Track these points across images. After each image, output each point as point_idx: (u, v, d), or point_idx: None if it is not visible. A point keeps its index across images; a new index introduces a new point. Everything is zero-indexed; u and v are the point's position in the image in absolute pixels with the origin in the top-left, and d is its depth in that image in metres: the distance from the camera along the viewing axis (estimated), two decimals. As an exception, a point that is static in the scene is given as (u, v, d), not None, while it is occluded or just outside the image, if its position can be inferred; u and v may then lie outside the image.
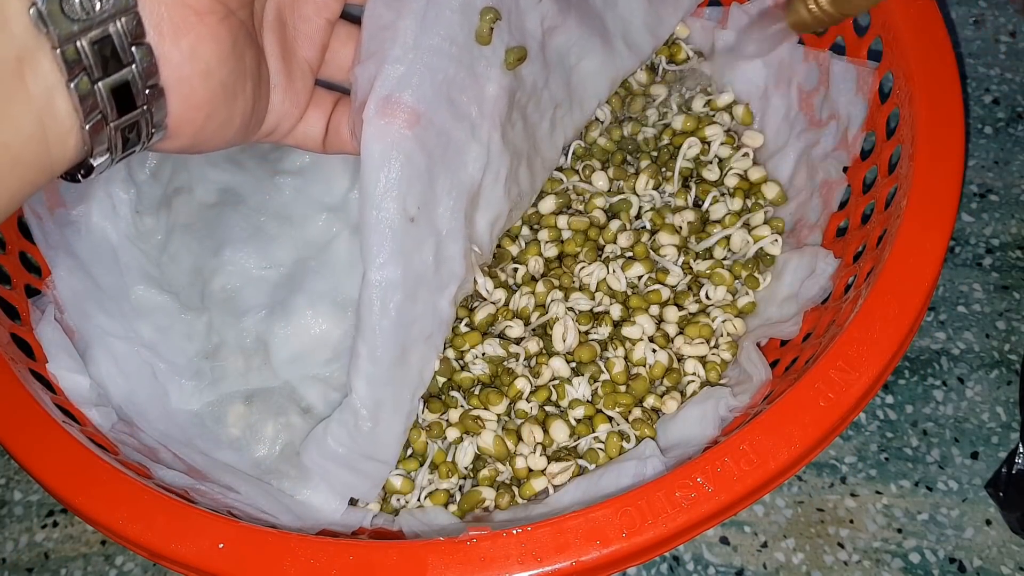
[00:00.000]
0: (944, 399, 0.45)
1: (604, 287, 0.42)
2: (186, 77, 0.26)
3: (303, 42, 0.32)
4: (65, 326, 0.41)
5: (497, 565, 0.29)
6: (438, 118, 0.33)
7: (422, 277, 0.34)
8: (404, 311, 0.34)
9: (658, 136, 0.47)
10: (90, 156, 0.25)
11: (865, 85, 0.43)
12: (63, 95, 0.23)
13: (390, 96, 0.32)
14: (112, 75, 0.24)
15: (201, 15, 0.25)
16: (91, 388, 0.39)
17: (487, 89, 0.34)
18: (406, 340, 0.35)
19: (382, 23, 0.32)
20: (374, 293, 0.33)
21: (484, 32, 0.33)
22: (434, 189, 0.33)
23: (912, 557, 0.40)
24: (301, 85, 0.32)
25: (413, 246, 0.33)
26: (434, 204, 0.34)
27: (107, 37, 0.23)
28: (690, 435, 0.38)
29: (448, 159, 0.34)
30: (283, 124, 0.32)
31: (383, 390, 0.35)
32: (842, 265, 0.40)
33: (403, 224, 0.32)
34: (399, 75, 0.32)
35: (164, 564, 0.31)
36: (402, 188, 0.32)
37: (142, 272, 0.44)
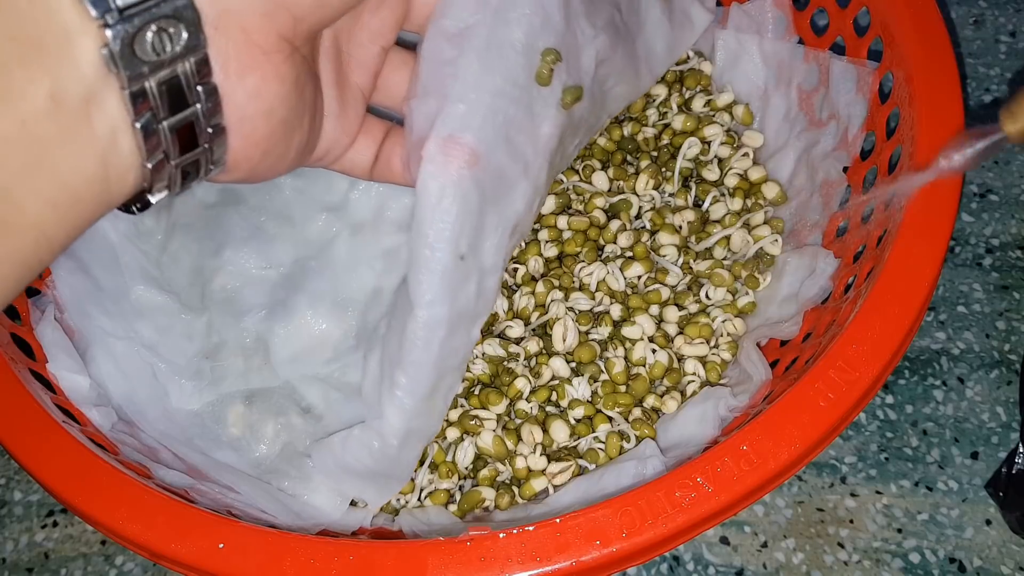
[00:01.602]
0: (944, 399, 0.45)
1: (604, 287, 0.42)
2: (248, 116, 0.25)
3: (356, 69, 0.32)
4: (65, 326, 0.41)
5: (497, 565, 0.29)
6: (495, 158, 0.32)
7: (464, 311, 0.34)
8: (445, 345, 0.34)
9: (658, 136, 0.47)
10: (149, 192, 0.25)
11: (865, 85, 0.43)
12: (127, 134, 0.23)
13: (451, 136, 0.31)
14: (177, 115, 0.24)
15: (268, 54, 0.25)
16: (91, 388, 0.39)
17: (542, 128, 0.34)
18: (441, 371, 0.35)
19: (443, 58, 0.31)
20: (421, 330, 0.33)
21: (544, 73, 0.33)
22: (483, 226, 0.33)
23: (912, 557, 0.41)
24: (353, 112, 0.32)
25: (460, 283, 0.33)
26: (481, 240, 0.33)
27: (175, 77, 0.23)
28: (690, 435, 0.38)
29: (499, 196, 0.34)
30: (333, 151, 0.32)
31: (415, 421, 0.36)
32: (842, 265, 0.40)
33: (454, 263, 0.32)
34: (460, 115, 0.31)
35: (164, 564, 0.31)
36: (456, 229, 0.32)
37: (142, 272, 0.44)
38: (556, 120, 0.34)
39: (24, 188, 0.21)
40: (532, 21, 0.32)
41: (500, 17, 0.31)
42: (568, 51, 0.34)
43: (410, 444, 0.36)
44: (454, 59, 0.31)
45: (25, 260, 0.22)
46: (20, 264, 0.22)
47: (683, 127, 0.47)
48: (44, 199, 0.21)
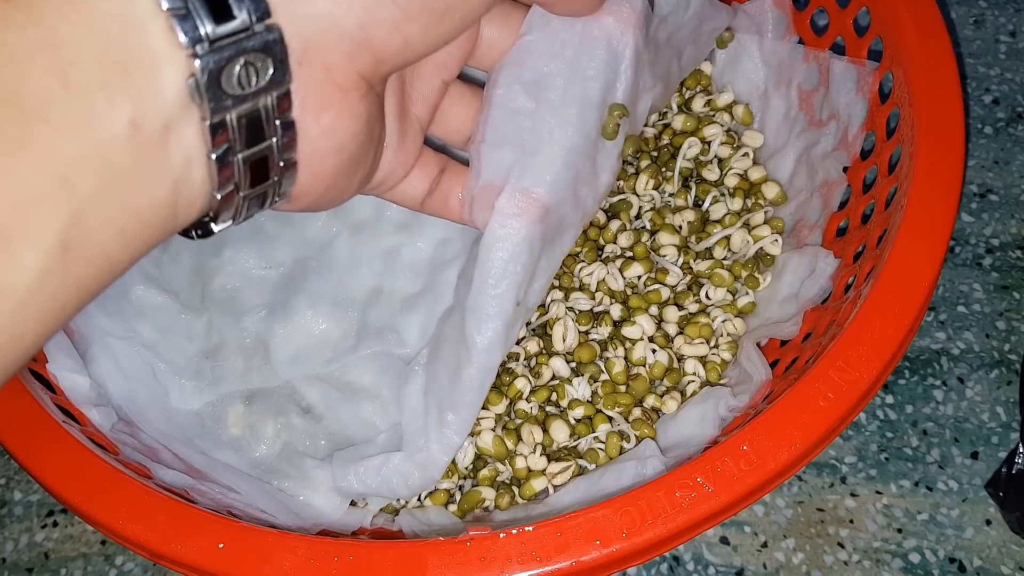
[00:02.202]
0: (944, 399, 0.45)
1: (604, 287, 0.42)
2: (320, 151, 0.25)
3: (418, 101, 0.31)
4: (65, 326, 0.41)
5: (497, 565, 0.29)
6: (561, 210, 0.33)
7: (509, 344, 0.35)
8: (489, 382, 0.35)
9: (658, 136, 0.47)
10: (214, 221, 0.25)
11: (865, 85, 0.43)
12: (202, 165, 0.22)
13: (526, 190, 0.31)
14: (253, 148, 0.23)
15: (345, 91, 0.25)
16: (91, 388, 0.39)
17: (603, 178, 0.34)
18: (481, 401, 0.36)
19: (517, 107, 0.31)
20: (477, 375, 0.34)
21: (611, 128, 0.33)
22: (536, 270, 0.34)
23: (912, 557, 0.41)
24: (411, 144, 0.32)
25: (513, 326, 0.34)
26: (533, 283, 0.34)
27: (256, 111, 0.23)
28: (690, 435, 0.38)
29: (554, 240, 0.34)
30: (388, 181, 0.32)
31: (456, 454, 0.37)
32: (842, 265, 0.40)
33: (513, 310, 0.33)
34: (536, 169, 0.31)
35: (164, 564, 0.31)
36: (520, 279, 0.32)
37: (142, 272, 0.44)
38: (615, 169, 0.35)
39: (95, 214, 0.20)
40: (607, 77, 0.32)
41: (577, 71, 0.31)
42: (631, 103, 0.34)
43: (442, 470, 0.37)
44: (530, 110, 0.31)
45: (86, 286, 0.21)
46: (81, 291, 0.21)
47: (683, 127, 0.47)
48: (114, 227, 0.21)
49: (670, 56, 0.38)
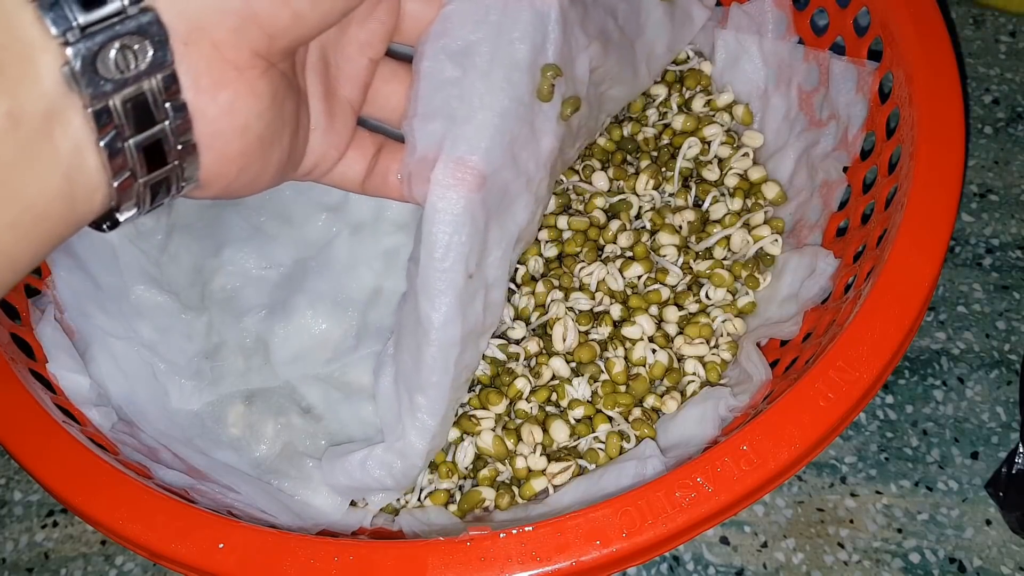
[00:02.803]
0: (944, 399, 0.45)
1: (604, 287, 0.42)
2: (221, 132, 0.25)
3: (345, 82, 0.31)
4: (65, 326, 0.41)
5: (497, 565, 0.29)
6: (501, 177, 0.32)
7: (474, 327, 0.34)
8: (460, 363, 0.35)
9: (658, 136, 0.47)
10: (117, 211, 0.24)
11: (865, 85, 0.43)
12: (92, 153, 0.22)
13: (460, 159, 0.31)
14: (144, 132, 0.23)
15: (241, 70, 0.24)
16: (91, 388, 0.39)
17: (544, 142, 0.34)
18: (456, 388, 0.36)
19: (445, 78, 0.31)
20: (438, 352, 0.33)
21: (546, 90, 0.33)
22: (487, 242, 0.33)
23: (912, 557, 0.40)
24: (342, 126, 0.32)
25: (469, 301, 0.33)
26: (485, 255, 0.34)
27: (141, 95, 0.23)
28: (690, 435, 0.38)
29: (502, 211, 0.34)
30: (322, 165, 0.32)
31: (435, 440, 0.36)
32: (842, 265, 0.40)
33: (464, 283, 0.33)
34: (468, 137, 0.31)
35: (164, 564, 0.31)
36: (466, 250, 0.32)
37: (142, 272, 0.44)
38: (556, 132, 0.35)
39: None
40: (535, 39, 0.32)
41: (503, 35, 0.31)
42: (565, 63, 0.34)
43: (428, 461, 0.37)
44: (457, 79, 0.31)
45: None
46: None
47: (683, 127, 0.47)
48: (4, 220, 0.21)
49: (603, 14, 0.37)
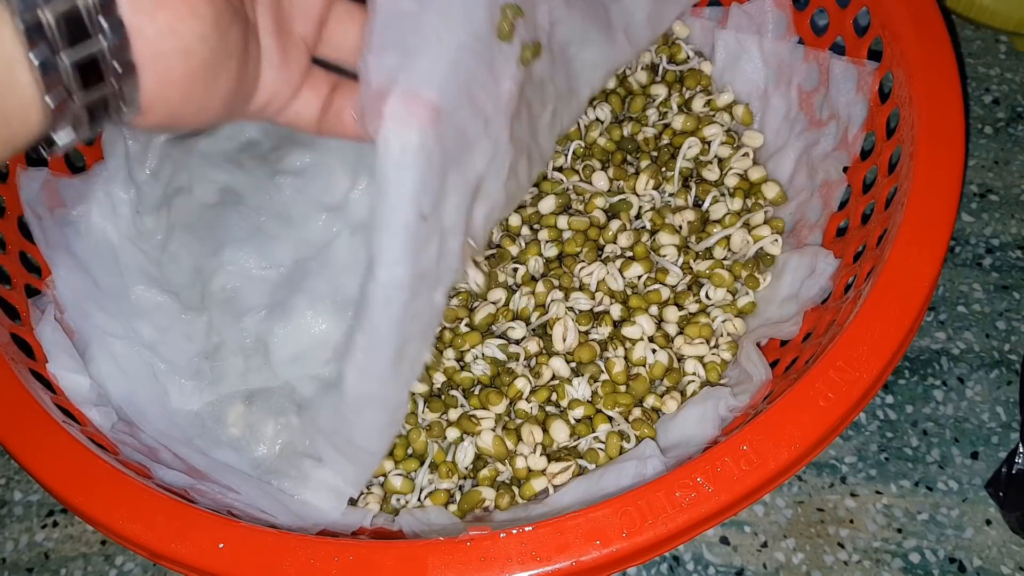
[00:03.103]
0: (944, 399, 0.45)
1: (604, 287, 0.42)
2: (162, 54, 0.24)
3: (299, 18, 0.31)
4: (65, 326, 0.41)
5: (497, 565, 0.29)
6: (457, 115, 0.32)
7: (426, 274, 0.34)
8: (408, 308, 0.33)
9: (658, 136, 0.47)
10: (53, 131, 0.24)
11: (865, 85, 0.43)
12: (24, 68, 0.22)
13: (414, 92, 0.30)
14: (77, 48, 0.23)
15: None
16: (91, 388, 0.39)
17: (503, 85, 0.34)
18: (404, 336, 0.34)
19: (401, 10, 0.31)
20: (380, 290, 0.33)
21: (505, 28, 0.32)
22: (444, 185, 0.33)
23: (912, 557, 0.40)
24: (295, 63, 0.31)
25: (422, 243, 0.33)
26: (443, 200, 0.33)
27: (74, 9, 0.22)
28: (690, 435, 0.38)
29: (460, 155, 0.33)
30: (274, 102, 0.31)
31: (375, 385, 0.35)
32: (842, 265, 0.40)
33: (416, 222, 0.32)
34: (423, 70, 0.31)
35: (164, 564, 0.31)
36: (419, 187, 0.31)
37: (142, 272, 0.44)
38: (516, 77, 0.34)
39: None
40: None
41: None
42: (526, 5, 0.33)
43: (372, 409, 0.36)
44: (415, 12, 0.31)
45: None
46: None
47: (683, 127, 0.47)
48: None
49: None
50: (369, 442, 0.37)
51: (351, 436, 0.36)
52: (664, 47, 0.49)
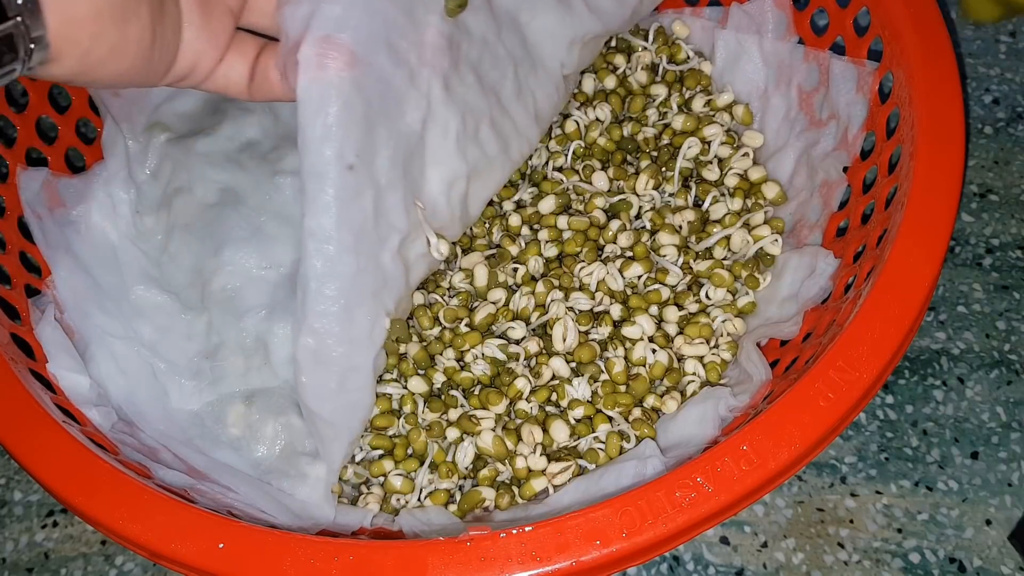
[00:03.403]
0: (944, 399, 0.45)
1: (604, 287, 0.42)
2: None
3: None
4: (65, 326, 0.41)
5: (497, 565, 0.29)
6: (377, 62, 0.32)
7: (362, 228, 0.33)
8: (344, 262, 0.33)
9: (658, 136, 0.47)
10: None
11: (865, 85, 0.43)
12: None
13: (328, 37, 0.30)
14: None
15: None
16: (91, 388, 0.39)
17: (426, 35, 0.33)
18: (350, 294, 0.34)
19: None
20: (310, 242, 0.32)
21: None
22: (372, 137, 0.32)
23: (912, 557, 0.40)
24: (219, 24, 0.31)
25: (351, 195, 0.32)
26: (372, 153, 0.33)
27: None
28: (690, 435, 0.38)
29: (387, 107, 0.33)
30: (200, 65, 0.31)
31: (313, 339, 0.34)
32: (842, 265, 0.40)
33: (340, 171, 0.31)
34: (336, 15, 0.30)
35: (164, 564, 0.31)
36: (339, 133, 0.31)
37: (142, 272, 0.44)
38: (440, 28, 0.34)
39: None
40: None
41: None
42: None
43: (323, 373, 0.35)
44: None
45: None
46: None
47: (683, 127, 0.47)
48: None
49: None
50: (322, 408, 0.36)
51: (305, 400, 0.36)
52: (664, 47, 0.49)
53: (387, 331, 0.37)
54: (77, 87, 0.46)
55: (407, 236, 0.36)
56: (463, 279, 0.43)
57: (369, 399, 0.37)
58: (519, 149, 0.42)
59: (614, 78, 0.49)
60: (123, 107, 0.45)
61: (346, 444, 0.38)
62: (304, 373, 0.35)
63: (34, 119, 0.44)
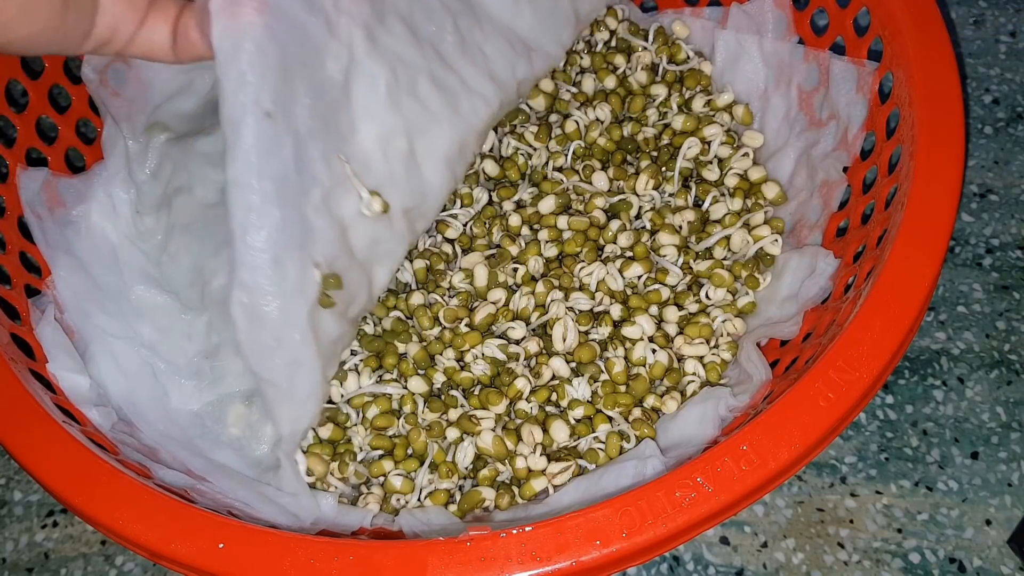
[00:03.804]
0: (944, 399, 0.45)
1: (604, 287, 0.42)
2: None
3: None
4: (65, 326, 0.41)
5: (497, 565, 0.29)
6: (289, 8, 0.32)
7: (284, 178, 0.33)
8: (268, 212, 0.33)
9: (658, 136, 0.47)
10: None
11: (865, 85, 0.43)
12: None
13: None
14: None
15: None
16: (91, 388, 0.39)
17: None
18: (277, 245, 0.33)
19: None
20: (232, 191, 0.32)
21: None
22: (291, 86, 0.32)
23: (912, 557, 0.40)
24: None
25: (270, 143, 0.32)
26: (291, 101, 0.33)
27: None
28: (690, 435, 0.38)
29: (305, 55, 0.33)
30: (121, 30, 0.31)
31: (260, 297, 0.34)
32: (842, 265, 0.40)
33: (258, 119, 0.31)
34: None
35: (164, 564, 0.31)
36: (254, 80, 0.31)
37: (142, 272, 0.44)
38: None
39: None
40: None
41: None
42: None
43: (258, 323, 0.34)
44: None
45: None
46: None
47: (683, 127, 0.47)
48: None
49: None
50: (261, 367, 0.35)
51: (247, 360, 0.35)
52: (664, 47, 0.49)
53: (319, 285, 0.36)
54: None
55: (331, 189, 0.35)
56: (463, 279, 0.43)
57: (311, 359, 0.36)
58: (472, 108, 0.41)
59: (614, 78, 0.49)
60: (123, 107, 0.46)
61: (294, 408, 0.36)
62: (241, 331, 0.34)
63: (34, 119, 0.44)
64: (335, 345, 0.38)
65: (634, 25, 0.51)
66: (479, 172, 0.46)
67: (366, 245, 0.38)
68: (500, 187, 0.46)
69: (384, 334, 0.42)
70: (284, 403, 0.36)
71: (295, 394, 0.36)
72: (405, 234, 0.39)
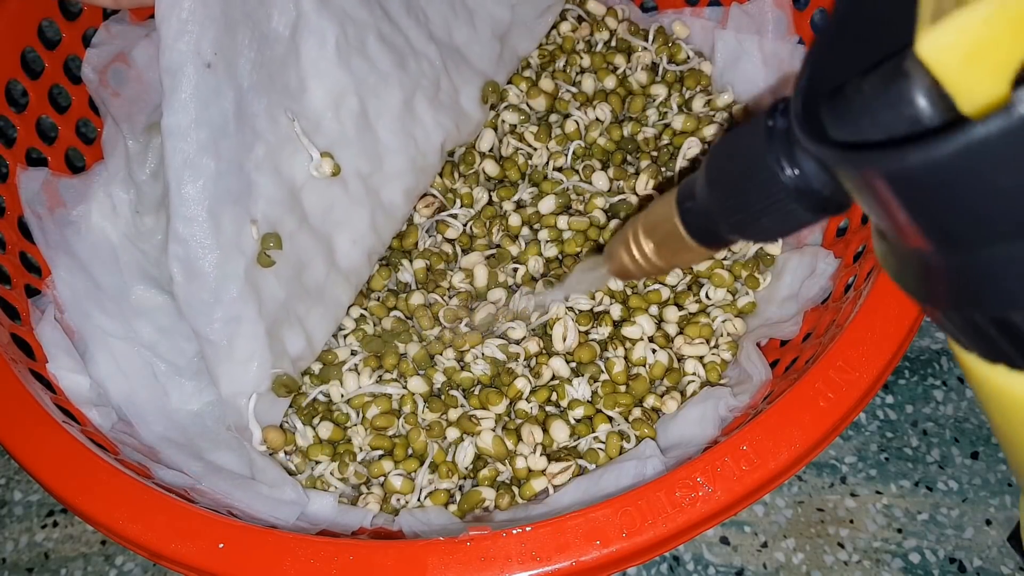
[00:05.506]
0: (944, 399, 0.45)
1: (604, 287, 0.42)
2: None
3: None
4: (65, 326, 0.41)
5: (497, 565, 0.29)
6: None
7: (222, 129, 0.33)
8: (202, 163, 0.32)
9: (658, 136, 0.47)
10: None
11: (865, 85, 0.42)
12: None
13: None
14: None
15: None
16: (91, 388, 0.39)
17: None
18: (213, 196, 0.33)
19: None
20: (168, 140, 0.32)
21: None
22: (234, 38, 0.32)
23: (912, 557, 0.40)
24: None
25: (209, 93, 0.32)
26: (234, 53, 0.32)
27: None
28: (690, 435, 0.38)
29: (249, 7, 0.33)
30: None
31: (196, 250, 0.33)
32: (842, 265, 0.40)
33: (198, 68, 0.31)
34: None
35: (164, 564, 0.31)
36: (195, 29, 0.31)
37: (142, 272, 0.44)
38: None
39: None
40: None
41: None
42: None
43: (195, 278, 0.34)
44: None
45: None
46: None
47: (683, 127, 0.47)
48: None
49: None
50: (199, 323, 0.35)
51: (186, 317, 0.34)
52: (664, 47, 0.49)
53: (257, 242, 0.35)
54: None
55: (277, 147, 0.35)
56: (463, 279, 0.43)
57: (252, 318, 0.35)
58: (418, 67, 0.40)
59: (614, 78, 0.49)
60: (123, 107, 0.45)
61: (233, 368, 0.35)
62: (178, 286, 0.34)
63: (34, 119, 0.44)
64: (285, 311, 0.37)
65: (634, 25, 0.51)
66: (479, 172, 0.46)
67: (321, 210, 0.37)
68: (500, 187, 0.46)
69: (384, 334, 0.42)
70: (223, 362, 0.35)
71: (234, 354, 0.35)
72: (364, 200, 0.39)
